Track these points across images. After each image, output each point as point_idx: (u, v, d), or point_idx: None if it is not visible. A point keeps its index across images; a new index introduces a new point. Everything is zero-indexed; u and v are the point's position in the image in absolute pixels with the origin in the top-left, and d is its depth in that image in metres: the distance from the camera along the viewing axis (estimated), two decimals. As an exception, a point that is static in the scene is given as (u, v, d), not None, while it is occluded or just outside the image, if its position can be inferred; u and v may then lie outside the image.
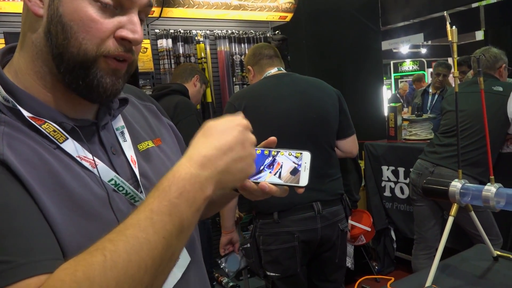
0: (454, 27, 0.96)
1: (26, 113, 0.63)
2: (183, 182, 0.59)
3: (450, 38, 0.97)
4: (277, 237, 1.92)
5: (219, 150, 0.64)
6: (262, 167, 0.76)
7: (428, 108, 4.45)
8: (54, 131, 0.65)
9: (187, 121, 2.21)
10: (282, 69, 2.08)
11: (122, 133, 0.77)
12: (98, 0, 0.63)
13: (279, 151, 0.77)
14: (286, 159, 0.76)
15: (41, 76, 0.67)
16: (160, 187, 0.59)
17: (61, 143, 0.65)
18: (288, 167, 0.76)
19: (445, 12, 0.97)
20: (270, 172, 0.75)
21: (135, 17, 0.67)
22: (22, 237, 0.54)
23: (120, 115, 0.79)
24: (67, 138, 0.66)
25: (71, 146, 0.66)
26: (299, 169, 0.75)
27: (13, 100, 0.64)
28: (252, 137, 0.69)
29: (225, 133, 0.66)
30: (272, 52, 2.09)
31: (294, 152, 0.77)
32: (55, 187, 0.61)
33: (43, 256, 0.54)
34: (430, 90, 4.56)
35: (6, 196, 0.56)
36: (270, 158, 0.77)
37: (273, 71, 2.04)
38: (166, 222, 0.56)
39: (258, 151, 0.78)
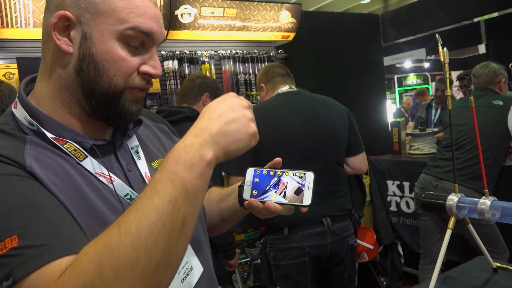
0: (445, 48, 1.01)
1: (49, 135, 0.71)
2: (178, 152, 0.64)
3: (442, 59, 1.02)
4: (287, 253, 1.94)
5: (209, 119, 0.68)
6: (268, 187, 0.81)
7: (432, 122, 4.49)
8: (75, 150, 0.72)
9: None
10: (294, 87, 2.15)
11: (137, 151, 0.84)
12: (128, 43, 0.73)
13: (284, 172, 0.83)
14: (290, 179, 0.81)
15: (68, 105, 0.75)
16: (162, 163, 0.65)
17: (81, 161, 0.73)
18: (293, 187, 0.81)
19: (436, 34, 1.03)
20: (275, 192, 0.81)
21: (155, 54, 0.77)
22: (52, 225, 0.60)
23: (134, 135, 0.86)
24: (87, 157, 0.73)
25: (89, 163, 0.73)
26: (303, 189, 0.80)
27: (37, 124, 0.72)
28: (244, 101, 0.74)
29: (213, 105, 0.71)
30: (284, 71, 2.17)
31: (298, 173, 0.82)
32: (76, 198, 0.68)
33: (72, 240, 0.60)
34: (434, 105, 4.60)
35: (35, 194, 0.63)
36: (276, 179, 0.82)
37: (285, 88, 2.11)
38: (168, 188, 0.60)
39: (265, 172, 0.83)
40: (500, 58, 4.07)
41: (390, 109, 8.76)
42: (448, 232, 1.00)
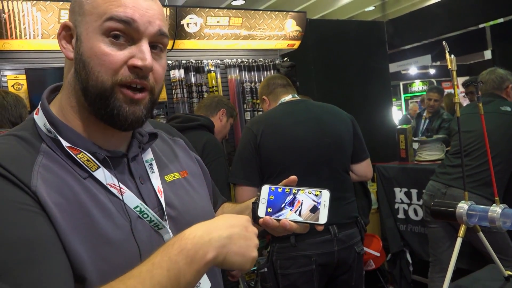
0: (453, 55, 1.01)
1: (65, 143, 0.72)
2: (185, 240, 0.65)
3: (449, 66, 1.01)
4: (294, 261, 1.93)
5: (223, 224, 0.70)
6: (283, 205, 0.81)
7: (420, 132, 4.48)
8: (88, 160, 0.73)
9: (216, 164, 2.12)
10: (297, 96, 2.15)
11: (151, 165, 0.84)
12: (109, 34, 0.72)
13: (300, 189, 0.82)
14: (306, 197, 0.81)
15: (76, 110, 0.76)
16: (167, 243, 0.66)
17: (93, 171, 0.73)
18: (308, 205, 0.80)
19: (444, 41, 1.02)
20: (291, 209, 0.80)
21: (143, 46, 0.74)
22: (35, 270, 0.60)
23: (149, 149, 0.86)
24: (99, 167, 0.74)
25: (101, 174, 0.74)
26: (319, 207, 0.80)
27: (55, 132, 0.73)
28: (255, 229, 0.74)
29: (231, 217, 0.73)
30: (285, 82, 2.18)
31: (314, 191, 0.82)
32: (81, 216, 0.68)
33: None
34: (424, 114, 4.59)
35: (29, 228, 0.63)
36: (291, 196, 0.82)
37: (288, 98, 2.12)
38: (164, 276, 0.61)
39: (280, 189, 0.83)
40: (506, 64, 4.06)
41: (396, 115, 8.74)
42: (459, 241, 0.98)
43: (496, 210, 0.96)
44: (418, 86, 10.77)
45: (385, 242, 3.51)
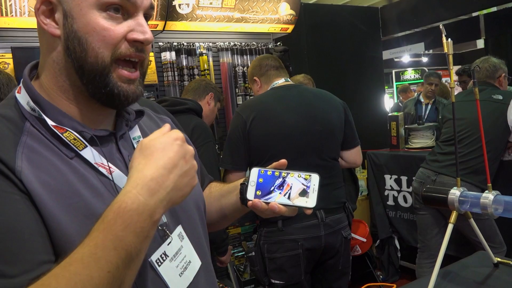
0: (449, 39, 0.99)
1: (50, 122, 0.70)
2: (129, 213, 0.60)
3: (446, 50, 1.00)
4: (281, 245, 1.94)
5: (164, 168, 0.65)
6: (272, 188, 0.80)
7: (423, 118, 4.46)
8: (75, 139, 0.70)
9: (205, 149, 2.08)
10: (289, 80, 2.12)
11: (139, 142, 0.81)
12: (106, 9, 0.69)
13: (289, 173, 0.81)
14: (295, 180, 0.80)
15: (65, 90, 0.73)
16: (105, 220, 0.60)
17: (80, 150, 0.71)
18: (298, 189, 0.80)
19: (440, 24, 1.00)
20: (280, 193, 0.80)
21: (141, 20, 0.72)
22: (14, 243, 0.59)
23: (137, 126, 0.84)
24: (86, 146, 0.71)
25: (89, 153, 0.72)
26: (308, 190, 0.79)
27: (39, 110, 0.70)
28: (191, 149, 0.71)
29: (165, 149, 0.67)
30: (277, 63, 2.13)
31: (303, 174, 0.81)
32: (71, 195, 0.66)
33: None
34: (423, 100, 4.56)
35: (10, 215, 0.61)
36: (280, 180, 0.81)
37: (280, 81, 2.08)
38: (111, 256, 0.57)
39: (269, 172, 0.82)
40: (499, 53, 4.06)
41: (388, 103, 8.77)
42: (450, 227, 0.98)
43: (488, 196, 0.95)
44: (410, 74, 10.78)
45: (374, 228, 3.54)
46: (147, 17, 0.75)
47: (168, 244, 0.76)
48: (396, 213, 3.42)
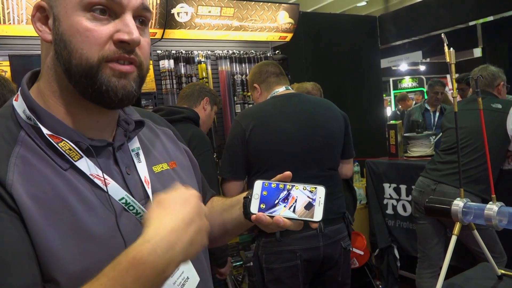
0: (452, 48, 0.98)
1: (45, 131, 0.68)
2: (143, 266, 0.58)
3: (448, 60, 0.99)
4: (279, 256, 1.91)
5: (183, 222, 0.63)
6: (277, 201, 0.78)
7: (432, 126, 4.46)
8: (70, 149, 0.69)
9: (203, 158, 2.00)
10: (290, 88, 2.10)
11: (138, 154, 0.80)
12: (90, 9, 0.67)
13: (294, 185, 0.79)
14: (300, 193, 0.78)
15: (58, 95, 0.71)
16: (117, 267, 0.58)
17: (75, 161, 0.69)
18: (303, 202, 0.77)
19: (442, 34, 0.99)
20: (284, 206, 0.77)
21: (128, 20, 0.69)
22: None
23: (136, 137, 0.81)
24: (82, 157, 0.70)
25: (84, 164, 0.70)
26: (314, 203, 0.77)
27: (35, 118, 0.68)
28: (204, 207, 0.70)
29: (184, 203, 0.66)
30: (278, 70, 2.10)
31: (308, 187, 0.78)
32: (61, 211, 0.64)
33: None
34: (429, 108, 4.57)
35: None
36: (285, 192, 0.78)
37: (281, 90, 2.05)
38: None
39: (274, 185, 0.79)
40: (496, 61, 4.08)
41: (388, 112, 8.79)
42: (454, 238, 0.96)
43: (492, 208, 0.94)
44: (408, 82, 10.82)
45: (373, 237, 3.52)
46: (144, 20, 0.73)
47: None
48: (395, 222, 3.40)
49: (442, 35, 1.00)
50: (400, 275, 3.50)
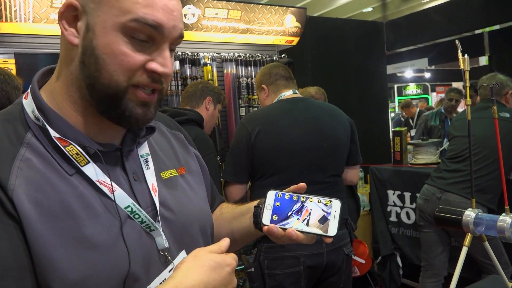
0: (466, 55, 0.96)
1: (53, 133, 0.66)
2: None
3: (462, 66, 0.97)
4: (282, 262, 1.89)
5: (206, 285, 0.64)
6: (290, 213, 0.75)
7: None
8: (77, 154, 0.67)
9: (206, 161, 1.99)
10: (297, 92, 2.08)
11: (146, 160, 0.78)
12: (132, 36, 0.65)
13: (308, 197, 0.76)
14: (315, 206, 0.75)
15: (74, 101, 0.69)
16: None
17: (82, 166, 0.67)
18: (317, 215, 0.74)
19: (456, 40, 0.97)
20: (298, 218, 0.74)
21: (166, 51, 0.68)
22: None
23: (146, 142, 0.79)
24: (89, 162, 0.68)
25: (91, 170, 0.68)
26: (328, 217, 0.74)
27: (43, 120, 0.66)
28: (235, 282, 0.69)
29: (215, 270, 0.66)
30: (287, 73, 2.08)
31: (323, 200, 0.76)
32: (63, 218, 0.63)
33: None
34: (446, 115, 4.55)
35: None
36: (299, 204, 0.76)
37: (288, 93, 2.03)
38: None
39: (287, 196, 0.77)
40: (503, 70, 4.05)
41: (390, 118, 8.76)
42: (464, 250, 0.94)
43: (506, 219, 0.91)
44: (412, 89, 10.80)
45: (375, 244, 3.48)
46: (173, 47, 0.71)
47: (169, 271, 0.71)
48: (398, 230, 3.37)
49: (456, 41, 0.98)
50: (403, 283, 3.47)
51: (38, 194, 0.62)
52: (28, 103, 0.69)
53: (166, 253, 0.72)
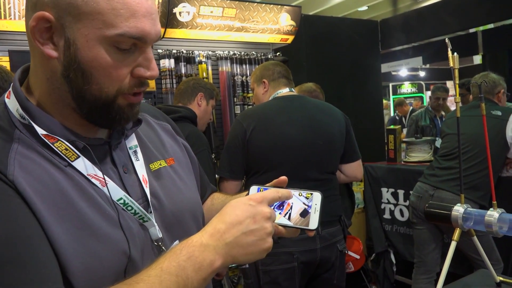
0: (455, 53, 0.97)
1: (40, 131, 0.66)
2: (193, 248, 0.64)
3: (451, 64, 0.98)
4: (276, 258, 1.90)
5: (228, 223, 0.66)
6: (272, 208, 0.75)
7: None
8: (66, 149, 0.67)
9: (199, 157, 2.00)
10: (293, 91, 2.11)
11: (135, 152, 0.79)
12: (117, 46, 0.66)
13: (290, 191, 0.77)
14: (296, 199, 0.76)
15: (58, 107, 0.70)
16: (173, 249, 0.64)
17: (72, 161, 0.67)
18: (298, 209, 0.75)
19: (446, 38, 0.99)
20: (279, 213, 0.75)
21: (149, 54, 0.70)
22: (24, 268, 0.57)
23: (133, 134, 0.80)
24: (79, 157, 0.68)
25: (81, 164, 0.68)
26: (309, 210, 0.75)
27: (28, 118, 0.66)
28: (267, 211, 0.69)
29: (235, 207, 0.69)
30: (287, 74, 2.12)
31: (304, 193, 0.76)
32: (64, 206, 0.63)
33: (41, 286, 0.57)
34: (435, 113, 4.56)
35: (13, 222, 0.58)
36: None
37: (285, 91, 2.06)
38: (172, 282, 0.61)
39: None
40: (496, 69, 4.08)
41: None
42: (453, 244, 0.96)
43: (493, 214, 0.93)
44: (407, 88, 10.83)
45: (369, 242, 3.51)
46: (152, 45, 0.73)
47: None
48: (392, 227, 3.40)
49: (446, 40, 0.99)
50: (396, 280, 3.49)
51: (37, 183, 0.63)
52: (11, 101, 0.69)
53: (160, 243, 0.74)
